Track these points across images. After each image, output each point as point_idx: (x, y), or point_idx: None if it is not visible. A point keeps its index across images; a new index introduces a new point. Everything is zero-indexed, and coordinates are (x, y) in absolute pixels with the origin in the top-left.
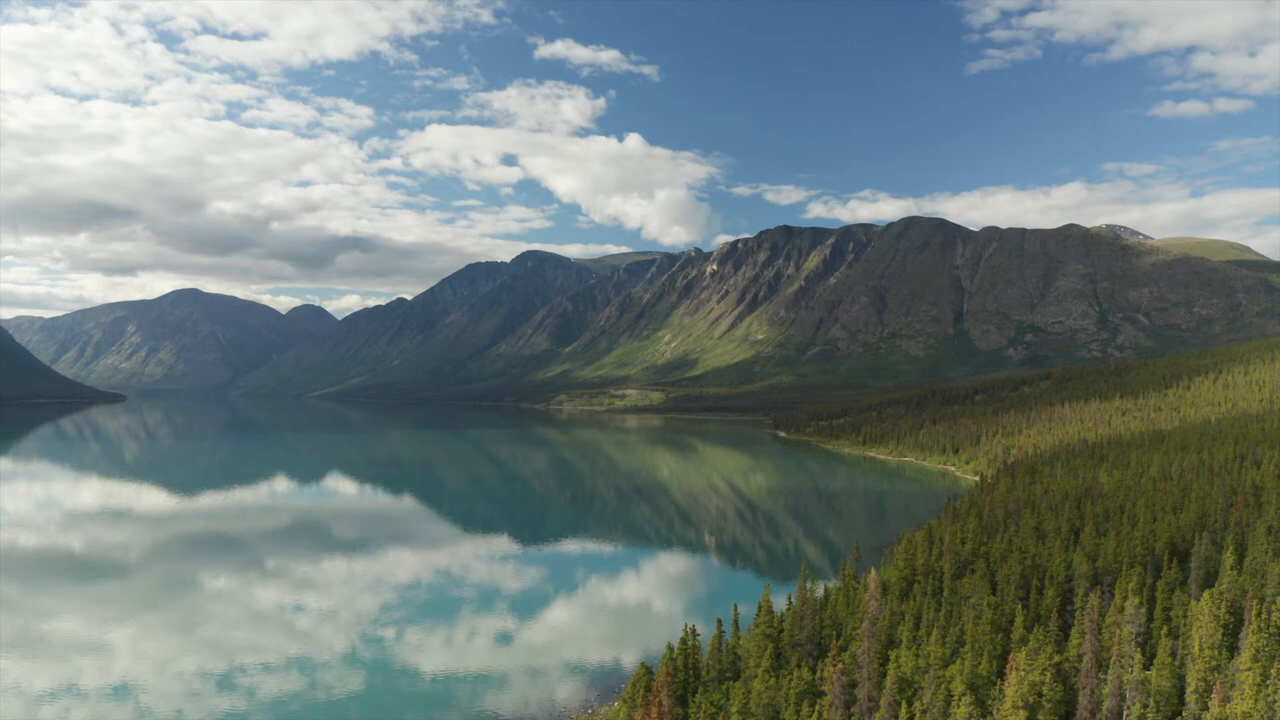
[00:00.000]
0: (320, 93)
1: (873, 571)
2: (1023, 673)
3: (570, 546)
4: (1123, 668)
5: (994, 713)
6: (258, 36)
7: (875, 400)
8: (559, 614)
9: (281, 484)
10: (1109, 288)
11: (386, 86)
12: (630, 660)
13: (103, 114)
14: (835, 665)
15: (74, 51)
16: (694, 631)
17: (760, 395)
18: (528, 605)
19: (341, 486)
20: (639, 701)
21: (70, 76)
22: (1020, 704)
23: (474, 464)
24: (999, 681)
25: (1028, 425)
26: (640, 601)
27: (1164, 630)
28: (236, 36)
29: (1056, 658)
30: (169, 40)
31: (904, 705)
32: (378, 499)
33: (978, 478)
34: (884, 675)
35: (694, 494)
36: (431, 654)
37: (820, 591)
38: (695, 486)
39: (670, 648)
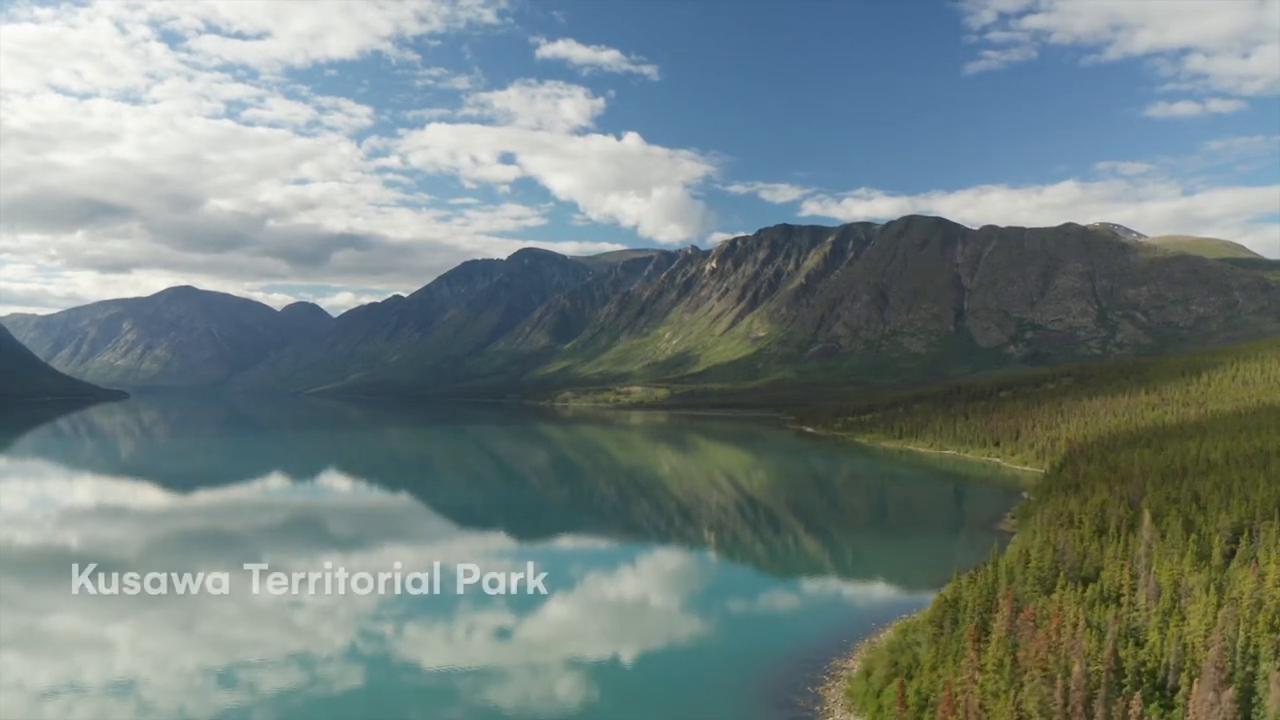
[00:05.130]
0: (320, 92)
1: (1145, 512)
2: (1278, 564)
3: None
4: None
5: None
6: (261, 36)
7: (902, 396)
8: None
9: (283, 480)
10: (1107, 285)
11: (387, 86)
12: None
13: (103, 112)
14: (1122, 573)
15: (77, 50)
16: (976, 570)
17: (765, 392)
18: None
19: (342, 483)
20: (948, 621)
21: (72, 75)
22: (1278, 583)
23: (481, 461)
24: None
25: (1063, 419)
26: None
27: None
28: (240, 36)
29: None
30: (172, 39)
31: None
32: (378, 496)
33: (1026, 468)
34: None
35: (788, 490)
36: (433, 649)
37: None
38: (782, 484)
39: (957, 582)
